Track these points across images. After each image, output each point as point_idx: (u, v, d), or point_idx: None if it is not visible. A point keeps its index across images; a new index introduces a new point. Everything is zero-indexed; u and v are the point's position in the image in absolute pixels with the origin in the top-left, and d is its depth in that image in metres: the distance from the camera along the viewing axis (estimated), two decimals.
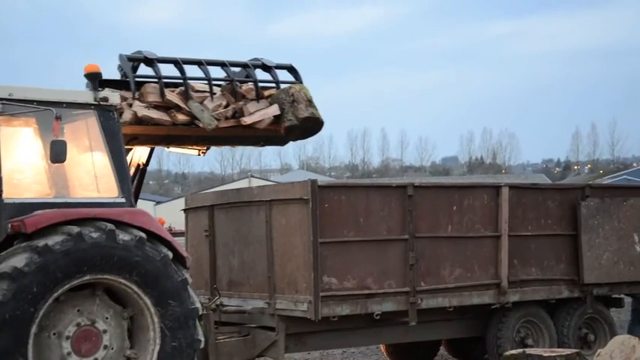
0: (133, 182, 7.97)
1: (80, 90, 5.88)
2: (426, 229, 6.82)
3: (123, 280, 5.43)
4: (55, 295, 5.22)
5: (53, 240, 5.20)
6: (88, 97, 5.78)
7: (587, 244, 7.54)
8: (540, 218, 7.48)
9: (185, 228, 7.93)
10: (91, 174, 5.93)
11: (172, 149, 7.85)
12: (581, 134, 78.46)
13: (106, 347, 5.47)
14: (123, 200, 5.77)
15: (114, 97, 5.87)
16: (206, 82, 6.99)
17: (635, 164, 71.28)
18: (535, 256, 7.43)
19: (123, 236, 5.41)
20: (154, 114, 6.59)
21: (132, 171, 7.88)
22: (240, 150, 69.16)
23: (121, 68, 7.16)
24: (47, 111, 5.50)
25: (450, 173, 69.91)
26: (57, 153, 5.42)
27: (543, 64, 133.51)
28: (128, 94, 6.78)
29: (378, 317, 6.58)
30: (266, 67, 7.55)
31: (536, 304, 7.48)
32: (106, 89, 5.98)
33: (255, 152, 73.52)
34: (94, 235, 5.31)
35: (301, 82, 7.66)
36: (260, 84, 7.19)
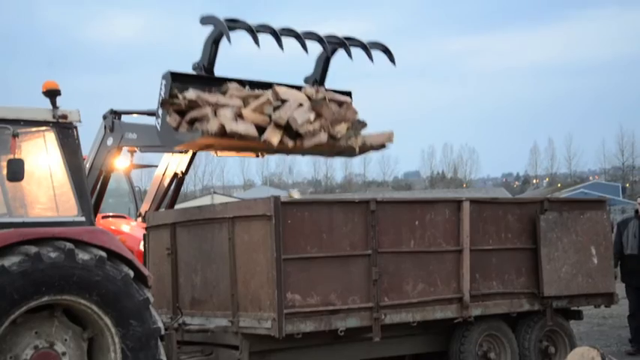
0: (168, 192, 7.85)
1: (38, 107, 5.78)
2: (388, 244, 6.85)
3: (83, 301, 5.32)
4: (12, 317, 5.09)
5: (10, 261, 5.08)
6: (46, 114, 5.69)
7: (546, 258, 7.66)
8: (501, 232, 7.58)
9: (146, 246, 7.83)
10: (49, 192, 5.82)
11: (224, 154, 7.71)
12: (539, 149, 79.99)
13: None
14: (83, 219, 5.67)
15: (73, 114, 5.78)
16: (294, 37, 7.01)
17: (591, 178, 73.01)
18: (496, 269, 7.51)
19: (82, 256, 5.32)
20: (242, 127, 6.46)
21: (167, 181, 7.76)
22: (202, 166, 68.71)
23: (198, 65, 6.94)
24: (4, 129, 5.40)
25: (412, 188, 70.46)
26: (14, 172, 5.32)
27: (502, 81, 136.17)
28: (212, 98, 6.67)
29: (342, 333, 6.57)
30: (349, 39, 7.55)
31: (498, 318, 7.56)
32: (62, 108, 5.84)
33: (217, 168, 73.08)
34: (53, 255, 5.20)
35: (385, 47, 7.69)
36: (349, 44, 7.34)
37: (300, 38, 7.08)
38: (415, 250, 7.00)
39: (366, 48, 7.58)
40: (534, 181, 79.74)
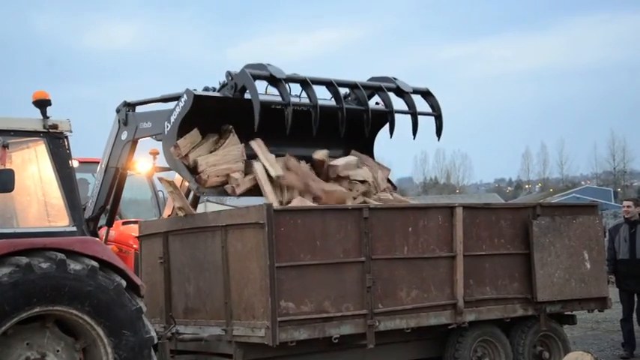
0: (189, 194, 7.78)
1: (28, 118, 5.75)
2: (382, 250, 6.84)
3: (75, 311, 5.29)
4: (3, 328, 5.05)
5: (0, 271, 5.05)
6: (36, 124, 5.66)
7: (539, 263, 7.66)
8: (494, 237, 7.58)
9: (139, 255, 7.80)
10: (40, 203, 5.80)
11: None
12: (531, 154, 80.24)
13: None
14: (74, 229, 5.64)
15: (64, 124, 5.76)
16: (338, 108, 6.91)
17: (583, 182, 73.29)
18: (490, 275, 7.51)
19: (74, 266, 5.28)
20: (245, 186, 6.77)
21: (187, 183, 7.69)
22: None
23: (232, 78, 6.70)
24: None
25: (406, 194, 70.48)
26: (4, 182, 5.30)
27: (494, 86, 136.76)
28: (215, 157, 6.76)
29: (337, 341, 6.55)
30: (400, 92, 7.39)
31: (492, 323, 7.55)
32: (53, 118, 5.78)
33: None
34: (44, 265, 5.17)
35: (438, 113, 7.49)
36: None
37: (342, 110, 6.95)
38: (408, 257, 6.99)
39: (405, 95, 7.41)
40: (527, 186, 79.91)
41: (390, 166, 8.41)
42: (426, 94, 7.73)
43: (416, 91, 7.63)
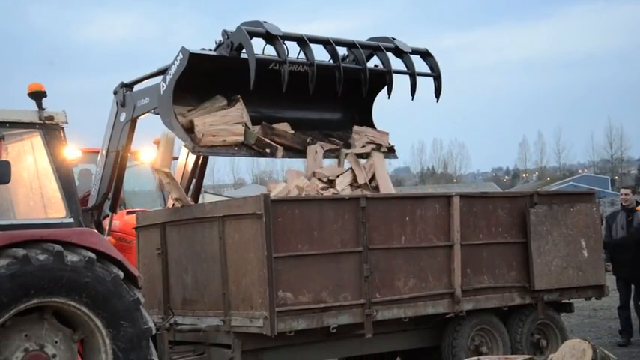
0: (192, 180, 7.75)
1: (24, 109, 5.73)
2: (379, 240, 6.84)
3: (72, 302, 5.30)
4: (1, 320, 5.06)
5: None
6: (32, 116, 5.65)
7: (536, 251, 7.68)
8: (491, 226, 7.58)
9: (137, 246, 7.80)
10: (37, 195, 5.79)
11: None
12: (529, 143, 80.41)
13: None
14: (71, 220, 5.64)
15: (60, 115, 5.74)
16: (335, 66, 6.77)
17: (580, 171, 73.45)
18: (487, 264, 7.52)
19: (71, 257, 5.29)
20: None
21: (190, 168, 7.64)
22: None
23: (228, 37, 6.58)
24: None
25: (403, 184, 70.62)
26: (0, 174, 5.28)
27: (491, 75, 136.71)
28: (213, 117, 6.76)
29: (335, 330, 6.57)
30: (399, 52, 7.29)
31: (490, 312, 7.57)
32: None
33: (208, 167, 72.72)
34: (41, 257, 5.17)
35: (437, 74, 7.42)
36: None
37: (339, 69, 6.84)
38: (406, 246, 6.99)
39: (404, 56, 7.31)
40: (524, 175, 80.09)
41: (387, 156, 8.37)
42: (425, 55, 7.64)
43: (415, 52, 7.53)
